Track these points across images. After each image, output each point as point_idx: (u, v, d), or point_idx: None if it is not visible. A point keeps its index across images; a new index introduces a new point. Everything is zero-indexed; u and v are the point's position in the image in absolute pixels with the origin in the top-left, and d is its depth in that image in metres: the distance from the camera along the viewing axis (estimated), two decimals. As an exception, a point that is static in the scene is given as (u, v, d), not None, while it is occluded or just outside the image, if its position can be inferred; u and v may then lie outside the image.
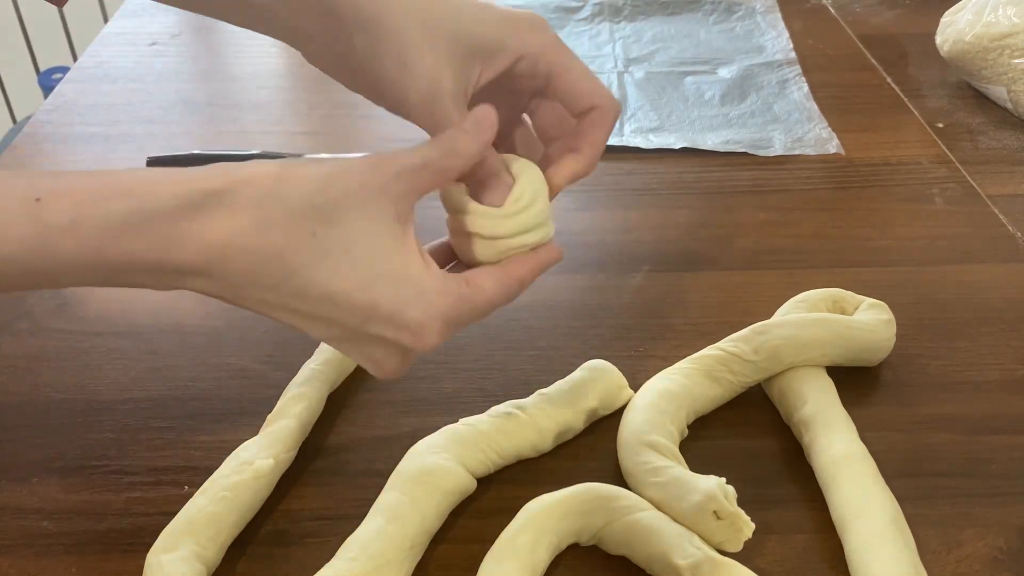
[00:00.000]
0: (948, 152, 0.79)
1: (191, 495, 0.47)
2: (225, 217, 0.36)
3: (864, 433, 0.50)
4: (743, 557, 0.44)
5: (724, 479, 0.45)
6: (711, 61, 0.94)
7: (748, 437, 0.53)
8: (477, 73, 0.44)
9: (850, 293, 0.59)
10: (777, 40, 0.98)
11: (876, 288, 0.60)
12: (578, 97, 0.46)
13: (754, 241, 0.69)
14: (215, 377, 0.57)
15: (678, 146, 0.80)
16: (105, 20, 1.75)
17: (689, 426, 0.52)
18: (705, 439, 0.52)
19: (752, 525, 0.44)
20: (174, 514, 0.46)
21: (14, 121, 1.82)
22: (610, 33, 1.00)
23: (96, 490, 0.50)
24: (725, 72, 0.92)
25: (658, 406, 0.51)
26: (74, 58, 1.77)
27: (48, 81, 1.71)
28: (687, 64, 0.94)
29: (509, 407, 0.51)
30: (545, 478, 0.50)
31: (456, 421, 0.51)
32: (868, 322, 0.56)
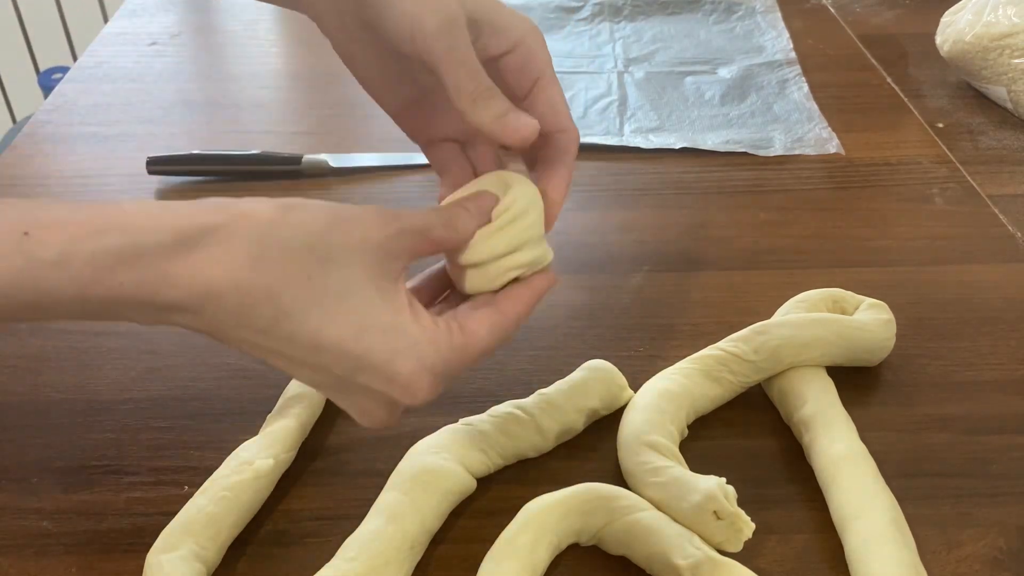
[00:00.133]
0: (948, 152, 0.79)
1: (191, 495, 0.47)
2: (220, 252, 0.35)
3: (864, 433, 0.50)
4: (743, 557, 0.44)
5: (724, 479, 0.45)
6: (711, 61, 0.94)
7: (748, 437, 0.53)
8: (475, 41, 0.43)
9: (850, 293, 0.59)
10: (777, 40, 0.98)
11: (876, 288, 0.60)
12: (553, 114, 0.45)
13: (754, 241, 0.69)
14: (215, 377, 0.57)
15: (678, 146, 0.80)
16: (105, 20, 1.75)
17: (689, 426, 0.52)
18: (705, 439, 0.52)
19: (752, 525, 0.44)
20: (174, 514, 0.46)
21: (14, 121, 1.83)
22: (610, 33, 1.00)
23: (96, 490, 0.50)
24: (725, 72, 0.92)
25: (658, 406, 0.51)
26: (74, 58, 1.77)
27: (48, 81, 1.72)
28: (687, 64, 0.94)
29: (509, 407, 0.51)
30: (545, 478, 0.50)
31: (456, 421, 0.51)
32: (868, 322, 0.56)
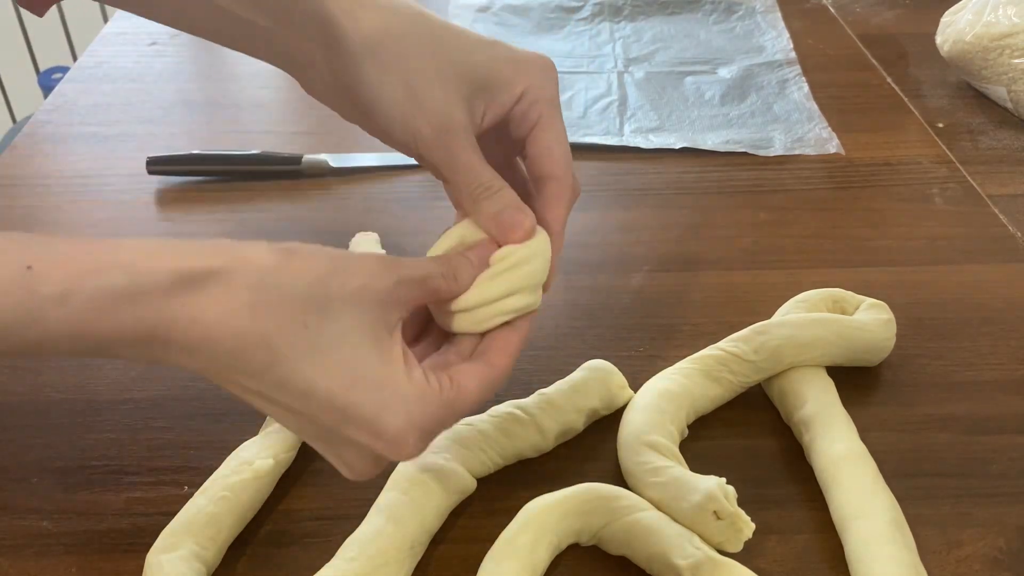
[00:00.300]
0: (948, 152, 0.79)
1: (191, 495, 0.47)
2: (220, 296, 0.35)
3: (864, 433, 0.50)
4: (743, 557, 0.44)
5: (724, 479, 0.45)
6: (711, 61, 0.94)
7: (748, 437, 0.53)
8: (482, 111, 0.43)
9: (850, 293, 0.59)
10: (777, 40, 0.98)
11: (876, 288, 0.60)
12: (548, 160, 0.44)
13: (754, 241, 0.69)
14: (215, 377, 0.56)
15: (678, 146, 0.80)
16: (105, 20, 1.75)
17: (689, 426, 0.52)
18: (705, 439, 0.52)
19: (752, 525, 0.44)
20: (174, 514, 0.46)
21: (14, 121, 1.82)
22: (610, 33, 1.00)
23: (96, 490, 0.50)
24: (725, 72, 0.92)
25: (658, 406, 0.51)
26: (74, 58, 1.77)
27: (48, 81, 1.72)
28: (687, 64, 0.94)
29: (509, 407, 0.51)
30: (545, 478, 0.50)
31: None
32: (868, 322, 0.56)
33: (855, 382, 0.55)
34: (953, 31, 0.87)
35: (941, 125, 0.84)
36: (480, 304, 0.42)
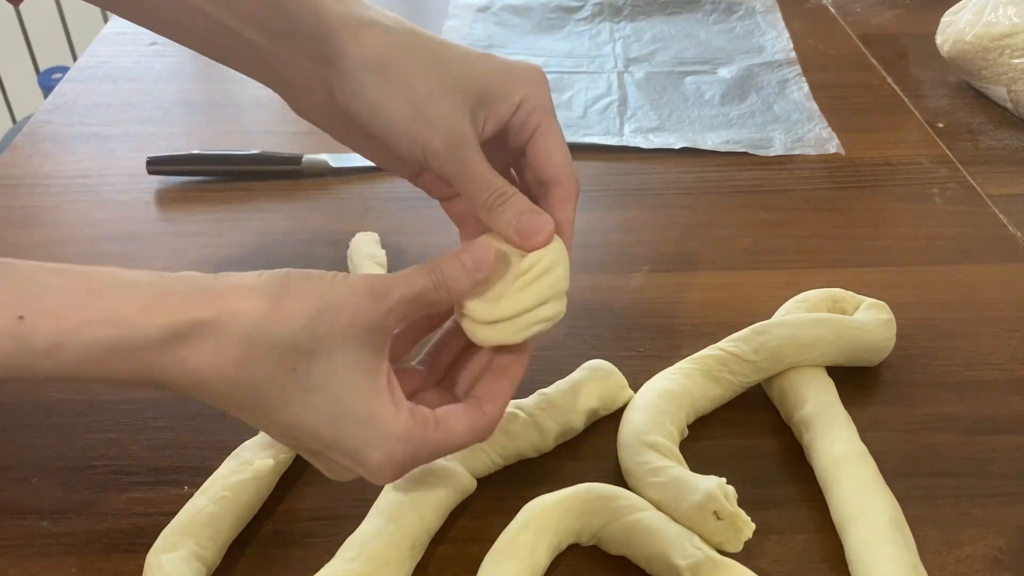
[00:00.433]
0: (948, 152, 0.79)
1: (191, 495, 0.47)
2: (210, 349, 0.36)
3: (864, 433, 0.50)
4: (743, 557, 0.44)
5: (724, 479, 0.45)
6: (711, 61, 0.94)
7: (748, 437, 0.53)
8: (482, 122, 0.44)
9: (850, 293, 0.59)
10: (777, 40, 0.98)
11: (876, 288, 0.60)
12: (549, 164, 0.45)
13: (754, 241, 0.69)
14: (215, 377, 0.56)
15: (678, 146, 0.80)
16: (105, 20, 1.75)
17: (689, 426, 0.52)
18: (705, 439, 0.52)
19: (752, 525, 0.44)
20: (174, 514, 0.46)
21: (14, 121, 1.82)
22: (610, 33, 1.00)
23: (96, 490, 0.50)
24: (725, 72, 0.92)
25: (658, 406, 0.51)
26: (74, 58, 1.77)
27: (48, 81, 1.71)
28: (687, 64, 0.94)
29: (510, 407, 0.51)
30: (545, 478, 0.50)
31: (456, 421, 0.51)
32: (868, 322, 0.56)
33: (855, 382, 0.55)
34: (953, 31, 0.87)
35: (941, 125, 0.84)
36: (515, 315, 0.42)
